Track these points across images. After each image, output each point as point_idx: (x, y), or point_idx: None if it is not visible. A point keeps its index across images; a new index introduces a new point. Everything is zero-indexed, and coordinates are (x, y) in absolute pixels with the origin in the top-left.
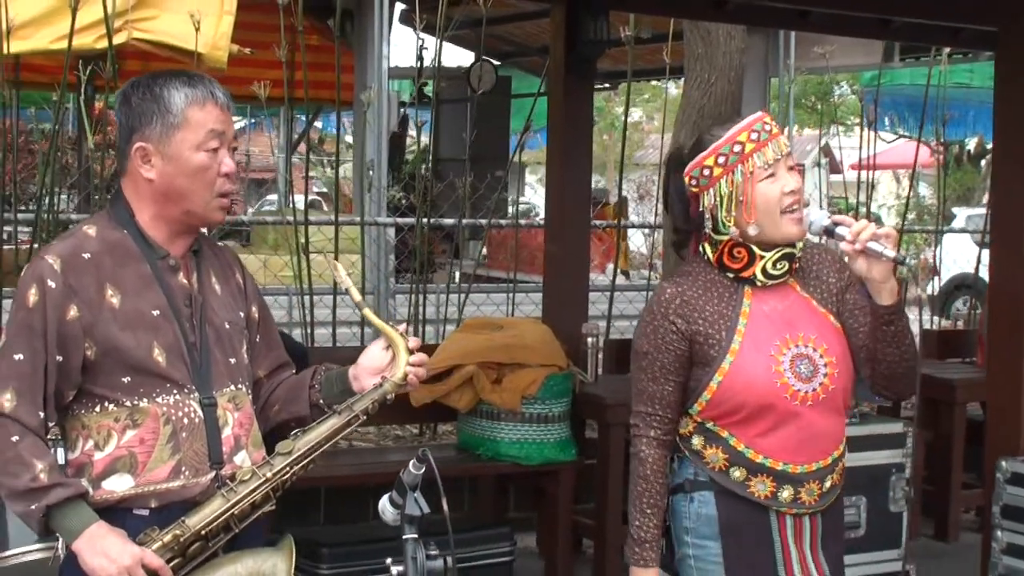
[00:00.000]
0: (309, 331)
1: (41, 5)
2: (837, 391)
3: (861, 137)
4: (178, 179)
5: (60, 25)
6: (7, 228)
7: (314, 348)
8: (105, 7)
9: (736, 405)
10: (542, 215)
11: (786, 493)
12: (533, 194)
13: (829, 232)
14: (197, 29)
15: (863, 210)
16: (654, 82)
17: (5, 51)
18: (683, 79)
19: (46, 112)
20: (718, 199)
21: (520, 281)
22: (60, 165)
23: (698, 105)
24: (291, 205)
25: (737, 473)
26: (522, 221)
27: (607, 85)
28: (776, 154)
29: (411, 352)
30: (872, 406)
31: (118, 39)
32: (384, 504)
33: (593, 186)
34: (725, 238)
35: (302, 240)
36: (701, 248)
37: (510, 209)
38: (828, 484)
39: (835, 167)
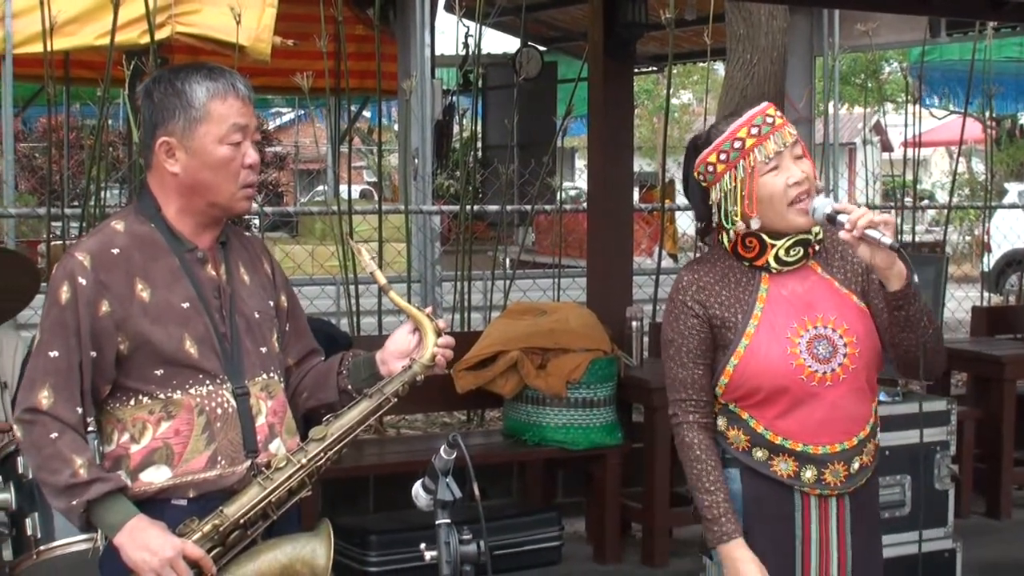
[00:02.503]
0: (355, 320)
1: (85, 2)
2: (859, 370)
3: (908, 114)
4: (202, 172)
5: (104, 21)
6: (56, 223)
7: (360, 337)
8: (147, 2)
9: (752, 388)
10: None
11: (809, 473)
12: (581, 179)
13: (831, 220)
14: (238, 22)
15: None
16: (701, 64)
17: (50, 48)
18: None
19: (91, 108)
20: (723, 194)
21: (567, 266)
22: (110, 160)
23: (740, 86)
24: (337, 195)
25: (759, 453)
26: (567, 206)
27: (654, 68)
28: (778, 146)
29: (439, 333)
30: (922, 385)
31: (161, 34)
32: (417, 490)
33: (644, 169)
34: (735, 229)
35: (347, 230)
36: (720, 236)
37: (557, 194)
38: (856, 466)
39: (886, 145)
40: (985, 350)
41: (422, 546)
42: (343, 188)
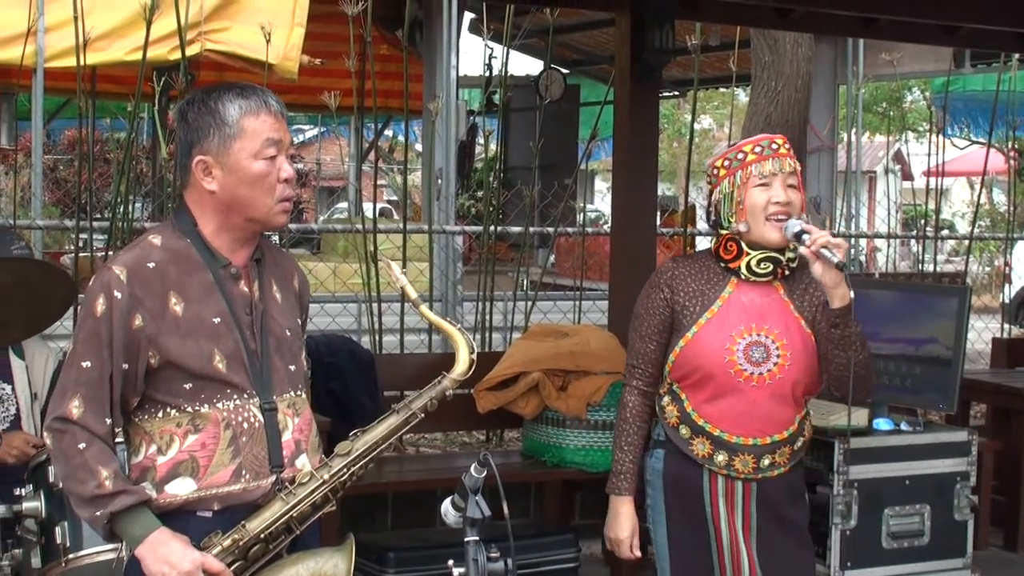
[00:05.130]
0: (377, 338)
1: (117, 18)
2: (786, 381)
3: (929, 143)
4: (239, 188)
5: (135, 37)
6: (83, 236)
7: (382, 355)
8: (179, 19)
9: (690, 369)
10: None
11: (721, 457)
12: (601, 202)
13: (798, 237)
14: (268, 41)
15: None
16: (722, 89)
17: (82, 63)
18: (750, 87)
19: (120, 122)
20: (721, 195)
21: (588, 289)
22: (135, 174)
23: (765, 112)
24: (360, 213)
25: (684, 431)
26: (589, 229)
27: (675, 93)
28: (775, 169)
29: (471, 348)
30: (941, 415)
31: (191, 50)
32: (446, 507)
33: (663, 194)
34: (724, 232)
35: (371, 248)
36: (711, 240)
37: (578, 217)
38: (766, 462)
39: (907, 174)
40: (1005, 382)
41: (450, 562)
42: (366, 206)
